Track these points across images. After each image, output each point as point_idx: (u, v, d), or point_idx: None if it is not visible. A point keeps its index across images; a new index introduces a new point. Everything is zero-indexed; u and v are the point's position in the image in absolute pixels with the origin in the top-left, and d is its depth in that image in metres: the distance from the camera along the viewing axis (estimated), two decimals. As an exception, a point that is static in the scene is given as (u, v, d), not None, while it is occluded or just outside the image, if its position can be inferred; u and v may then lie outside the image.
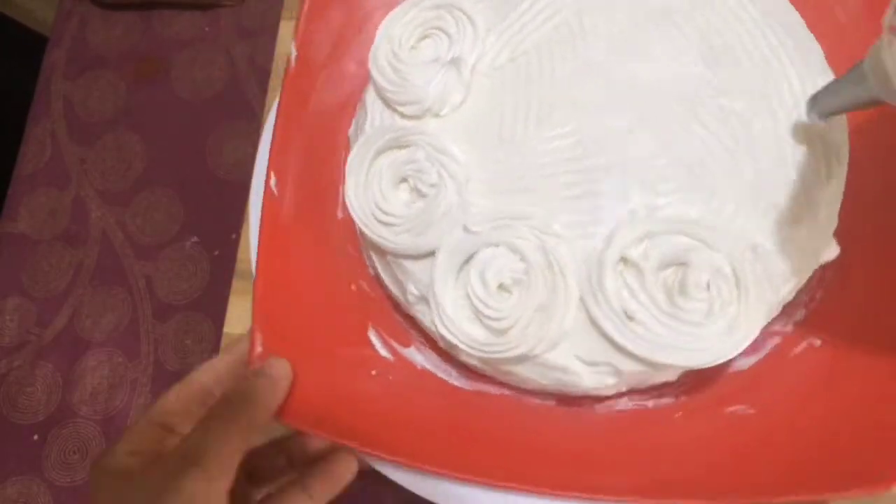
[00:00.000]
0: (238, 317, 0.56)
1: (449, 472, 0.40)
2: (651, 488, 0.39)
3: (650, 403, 0.43)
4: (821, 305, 0.43)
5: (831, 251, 0.41)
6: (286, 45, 0.62)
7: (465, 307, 0.41)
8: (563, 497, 0.39)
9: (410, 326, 0.46)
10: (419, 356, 0.46)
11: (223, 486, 0.35)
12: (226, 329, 0.56)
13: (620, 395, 0.43)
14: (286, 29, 0.63)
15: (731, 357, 0.38)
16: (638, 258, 0.38)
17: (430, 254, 0.42)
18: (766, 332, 0.42)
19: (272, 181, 0.46)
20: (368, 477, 0.50)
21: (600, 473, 0.40)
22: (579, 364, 0.40)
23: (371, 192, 0.43)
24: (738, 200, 0.39)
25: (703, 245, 0.38)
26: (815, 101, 0.38)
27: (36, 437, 0.59)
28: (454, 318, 0.40)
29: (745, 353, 0.42)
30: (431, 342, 0.45)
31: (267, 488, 0.42)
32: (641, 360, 0.38)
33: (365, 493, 0.50)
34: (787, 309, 0.42)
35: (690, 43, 0.43)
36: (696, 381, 0.43)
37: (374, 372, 0.45)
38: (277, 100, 0.47)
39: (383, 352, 0.46)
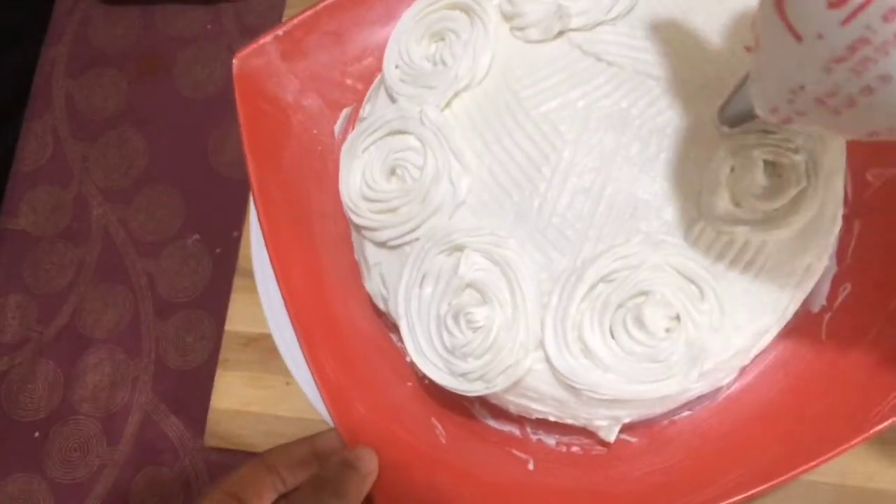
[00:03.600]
0: (239, 314, 0.56)
1: None
2: None
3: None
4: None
5: None
6: (288, 42, 0.61)
7: (360, 177, 0.45)
8: None
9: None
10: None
11: None
12: (227, 327, 0.56)
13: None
14: (288, 26, 0.62)
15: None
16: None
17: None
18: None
19: None
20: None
21: None
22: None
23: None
24: None
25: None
26: (722, 110, 0.37)
27: (37, 434, 0.59)
28: (351, 185, 0.45)
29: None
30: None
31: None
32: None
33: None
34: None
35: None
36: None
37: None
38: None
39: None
